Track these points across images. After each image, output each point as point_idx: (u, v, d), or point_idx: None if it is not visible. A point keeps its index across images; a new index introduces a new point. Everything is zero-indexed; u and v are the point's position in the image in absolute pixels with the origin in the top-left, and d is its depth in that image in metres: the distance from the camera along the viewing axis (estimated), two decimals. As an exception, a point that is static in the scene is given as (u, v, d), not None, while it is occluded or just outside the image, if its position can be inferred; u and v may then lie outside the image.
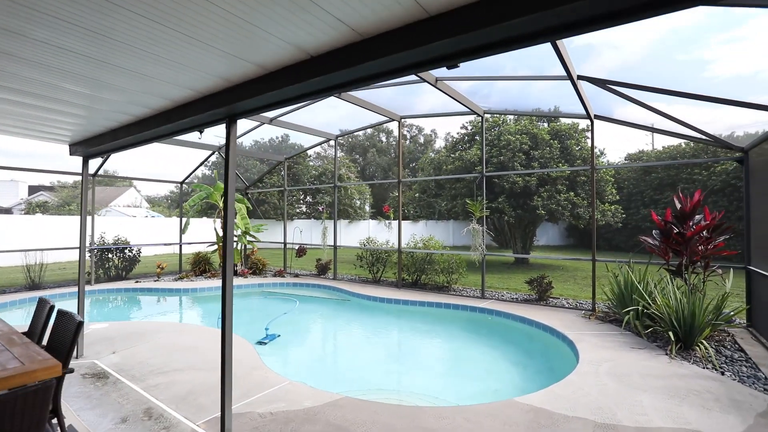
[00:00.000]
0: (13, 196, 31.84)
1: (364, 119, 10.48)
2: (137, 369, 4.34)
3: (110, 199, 38.14)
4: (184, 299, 9.29)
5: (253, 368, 4.37)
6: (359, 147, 52.84)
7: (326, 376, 4.89)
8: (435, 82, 6.78)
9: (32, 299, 8.49)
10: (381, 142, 54.21)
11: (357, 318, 8.03)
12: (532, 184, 12.47)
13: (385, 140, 54.46)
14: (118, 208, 32.15)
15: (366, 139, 53.57)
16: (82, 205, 4.71)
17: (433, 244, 10.02)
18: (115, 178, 11.30)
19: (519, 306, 7.64)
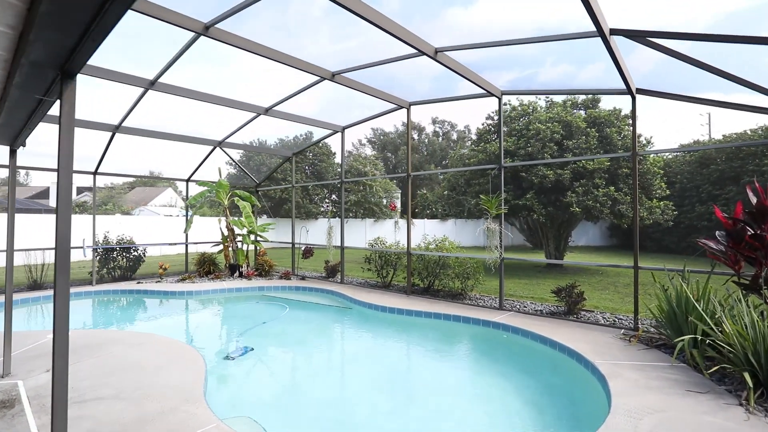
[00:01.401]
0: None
1: (373, 108, 9.53)
2: (49, 398, 3.62)
3: (149, 199, 39.63)
4: (176, 302, 8.75)
5: (186, 400, 3.53)
6: (390, 144, 52.00)
7: (290, 415, 3.97)
8: (435, 54, 5.69)
9: (34, 299, 8.27)
10: (413, 139, 53.06)
11: (353, 331, 7.10)
12: (565, 178, 10.97)
13: (417, 137, 53.28)
14: (152, 208, 33.20)
15: (398, 137, 52.66)
16: (9, 200, 4.08)
17: (446, 245, 8.89)
18: (120, 176, 11.16)
19: (543, 321, 6.40)
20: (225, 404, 3.89)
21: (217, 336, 6.58)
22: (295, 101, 8.91)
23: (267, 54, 6.00)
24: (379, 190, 27.34)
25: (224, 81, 8.16)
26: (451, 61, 5.98)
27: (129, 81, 6.75)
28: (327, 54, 6.83)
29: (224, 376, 4.69)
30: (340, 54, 6.89)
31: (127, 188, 38.20)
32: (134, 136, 9.28)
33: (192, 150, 11.17)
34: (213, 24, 5.25)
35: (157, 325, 7.24)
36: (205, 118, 9.69)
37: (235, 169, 29.54)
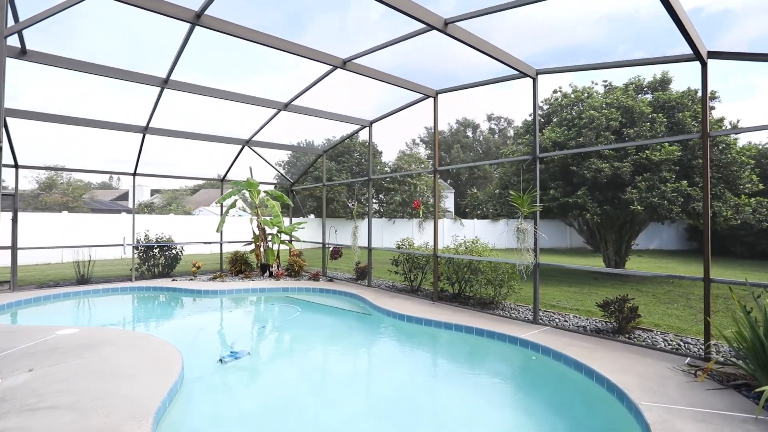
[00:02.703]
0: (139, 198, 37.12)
1: (400, 99, 8.89)
2: (16, 401, 3.46)
3: (212, 200, 42.31)
4: (197, 301, 8.76)
5: (133, 417, 3.16)
6: (444, 143, 50.75)
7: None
8: (444, 26, 4.91)
9: (81, 292, 8.74)
10: (467, 137, 51.31)
11: (365, 342, 6.49)
12: (625, 172, 9.42)
13: (471, 135, 51.45)
14: (212, 208, 35.28)
15: (451, 135, 51.25)
16: None
17: (478, 247, 7.96)
18: (157, 176, 11.69)
19: (584, 340, 5.32)
20: (183, 422, 3.50)
21: (218, 338, 6.33)
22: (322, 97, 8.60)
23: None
24: (425, 189, 26.47)
25: (284, 88, 8.35)
26: (471, 38, 5.15)
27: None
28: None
29: (203, 386, 4.33)
30: (399, 56, 6.94)
31: (191, 191, 41.07)
32: (169, 137, 9.51)
33: (225, 149, 11.32)
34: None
35: (164, 325, 7.22)
36: (236, 118, 9.70)
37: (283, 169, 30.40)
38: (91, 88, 8.57)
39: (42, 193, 28.29)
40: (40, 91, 9.30)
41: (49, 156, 26.81)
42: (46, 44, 5.90)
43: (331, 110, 9.33)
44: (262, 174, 12.84)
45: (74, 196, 27.35)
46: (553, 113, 11.64)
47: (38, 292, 8.36)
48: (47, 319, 7.28)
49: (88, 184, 44.85)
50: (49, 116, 7.87)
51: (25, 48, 5.59)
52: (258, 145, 10.88)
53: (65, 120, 8.04)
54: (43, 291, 8.52)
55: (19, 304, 7.68)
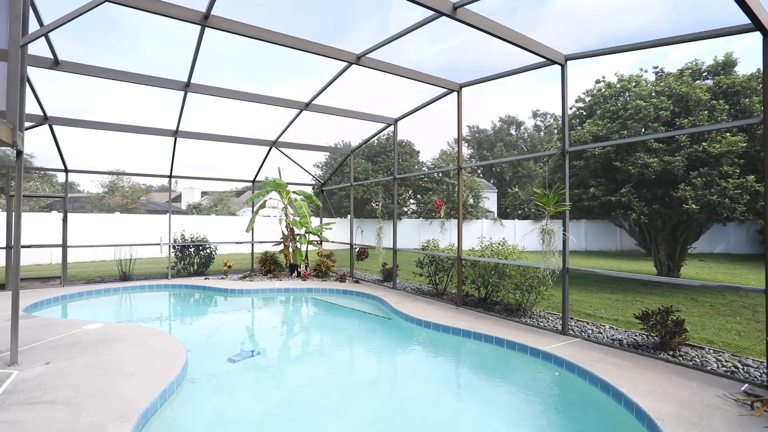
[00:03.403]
0: (190, 200, 39.52)
1: (423, 95, 8.59)
2: (23, 393, 3.59)
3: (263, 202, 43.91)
4: (222, 299, 8.96)
5: (119, 417, 3.14)
6: (486, 142, 49.34)
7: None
8: (453, 11, 4.54)
9: (121, 289, 9.29)
10: (510, 135, 49.50)
11: (381, 347, 6.25)
12: (677, 167, 8.40)
13: (514, 133, 49.58)
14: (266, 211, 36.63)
15: (494, 134, 49.72)
16: (17, 198, 4.28)
17: (505, 249, 7.45)
18: (191, 178, 12.22)
19: (618, 356, 4.72)
20: (177, 422, 3.45)
21: (233, 337, 6.35)
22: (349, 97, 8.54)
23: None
24: (464, 188, 25.74)
25: (353, 96, 8.58)
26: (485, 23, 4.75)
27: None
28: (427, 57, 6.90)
29: (207, 386, 4.29)
30: (441, 55, 6.91)
31: (236, 192, 42.96)
32: (203, 140, 9.85)
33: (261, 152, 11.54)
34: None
35: (184, 322, 7.42)
36: (270, 120, 9.86)
37: (320, 170, 30.86)
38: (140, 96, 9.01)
39: (106, 195, 30.83)
40: (104, 101, 9.93)
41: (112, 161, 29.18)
42: (112, 59, 6.53)
43: (359, 110, 9.21)
44: (298, 175, 13.07)
45: (132, 198, 29.50)
46: (595, 105, 10.71)
47: (84, 287, 8.97)
48: (88, 312, 7.75)
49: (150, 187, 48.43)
50: (107, 125, 8.43)
51: (57, 59, 5.94)
52: (285, 146, 10.99)
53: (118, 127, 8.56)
54: (88, 286, 9.12)
55: (65, 298, 8.25)
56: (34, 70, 6.52)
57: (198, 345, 6.00)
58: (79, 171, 9.74)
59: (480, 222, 25.68)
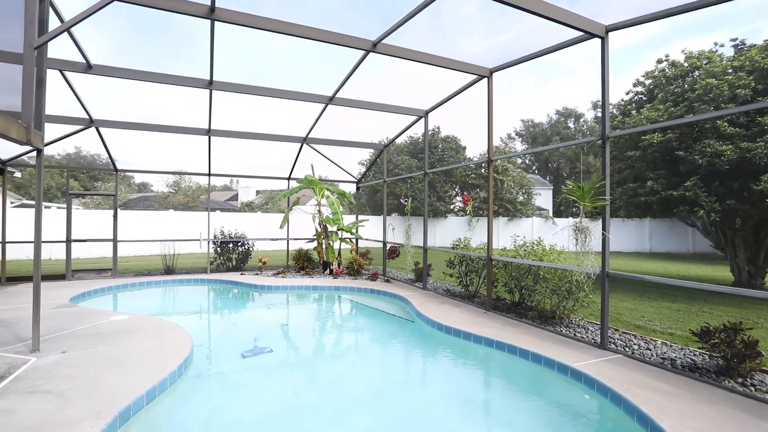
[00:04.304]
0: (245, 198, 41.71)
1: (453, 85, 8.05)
2: (28, 381, 3.72)
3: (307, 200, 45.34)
4: (251, 295, 9.07)
5: (97, 413, 3.10)
6: (542, 136, 46.70)
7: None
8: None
9: (162, 282, 9.82)
10: (568, 128, 46.37)
11: (398, 352, 5.90)
12: (759, 154, 7.04)
13: (572, 126, 46.36)
14: (304, 207, 37.69)
15: (550, 128, 46.94)
16: (38, 195, 4.50)
17: (540, 250, 6.72)
18: (229, 176, 12.60)
19: (667, 380, 3.95)
20: (163, 420, 3.36)
21: (250, 332, 6.30)
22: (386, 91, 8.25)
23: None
24: (512, 185, 24.38)
25: (385, 90, 8.56)
26: None
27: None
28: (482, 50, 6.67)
29: (212, 383, 4.22)
30: (498, 47, 6.64)
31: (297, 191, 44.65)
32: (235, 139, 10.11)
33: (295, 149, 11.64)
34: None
35: (206, 316, 7.57)
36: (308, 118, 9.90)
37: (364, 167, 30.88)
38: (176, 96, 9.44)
39: (171, 194, 33.39)
40: (144, 102, 10.60)
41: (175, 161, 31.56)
42: (174, 65, 6.96)
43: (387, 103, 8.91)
44: (338, 172, 13.21)
45: (193, 197, 31.63)
46: (656, 88, 9.41)
47: (131, 279, 9.57)
48: (127, 303, 8.22)
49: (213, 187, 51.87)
50: (144, 125, 8.95)
51: (90, 63, 6.27)
52: (317, 143, 10.95)
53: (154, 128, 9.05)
54: (135, 278, 9.72)
55: (110, 289, 8.84)
56: (77, 76, 6.99)
57: (213, 340, 6.05)
58: (126, 171, 10.41)
59: (530, 220, 24.19)
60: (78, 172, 35.40)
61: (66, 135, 8.49)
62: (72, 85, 7.15)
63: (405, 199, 9.82)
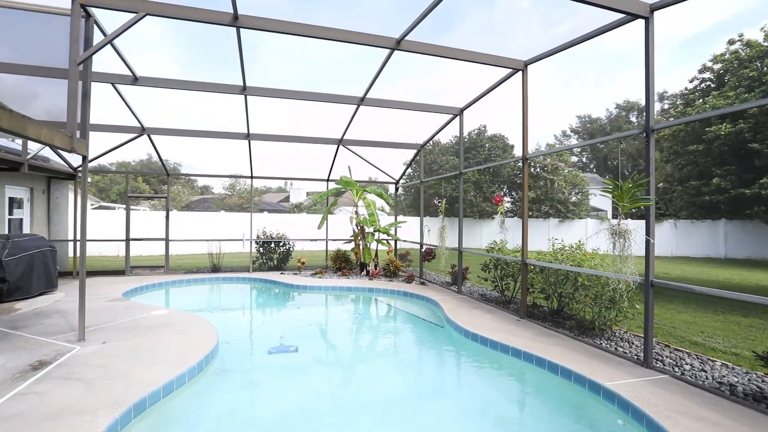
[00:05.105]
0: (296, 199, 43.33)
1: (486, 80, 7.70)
2: (66, 368, 4.06)
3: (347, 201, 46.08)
4: (288, 293, 9.30)
5: (114, 403, 3.28)
6: (600, 132, 43.68)
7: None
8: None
9: (207, 279, 10.43)
10: (630, 123, 42.87)
11: (423, 359, 5.73)
12: None
13: (635, 120, 42.80)
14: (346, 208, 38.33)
15: (609, 123, 43.80)
16: (83, 197, 4.92)
17: (580, 255, 6.19)
18: (271, 178, 13.03)
19: (720, 410, 3.42)
20: (175, 416, 3.49)
21: (279, 330, 6.42)
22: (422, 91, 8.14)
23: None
24: (563, 184, 22.96)
25: (425, 91, 8.67)
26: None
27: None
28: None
29: (235, 379, 4.34)
30: (531, 38, 6.55)
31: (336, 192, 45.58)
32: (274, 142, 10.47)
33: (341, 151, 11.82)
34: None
35: (240, 312, 7.87)
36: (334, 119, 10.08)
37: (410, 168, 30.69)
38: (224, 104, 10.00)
39: (227, 196, 35.53)
40: (194, 110, 11.37)
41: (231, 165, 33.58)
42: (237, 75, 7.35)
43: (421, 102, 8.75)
44: (378, 173, 13.26)
45: (247, 199, 33.38)
46: (727, 73, 8.32)
47: (180, 276, 10.24)
48: (173, 299, 8.79)
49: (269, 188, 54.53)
50: (188, 131, 9.59)
51: (135, 75, 6.77)
52: (352, 144, 11.01)
53: (198, 134, 9.63)
54: (184, 276, 10.39)
55: (160, 285, 9.51)
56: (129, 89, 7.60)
57: (242, 337, 6.25)
58: (178, 174, 11.18)
59: (583, 222, 22.61)
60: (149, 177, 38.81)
61: (120, 144, 9.30)
62: (124, 97, 7.78)
63: (439, 200, 9.55)
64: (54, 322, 5.81)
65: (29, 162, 8.07)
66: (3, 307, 6.65)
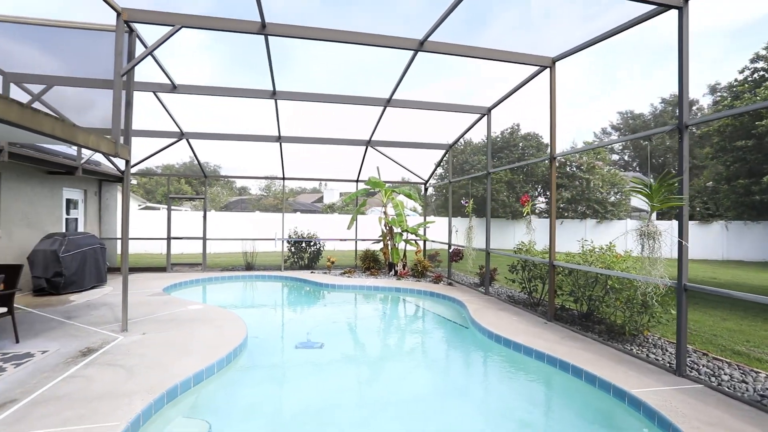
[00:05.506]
0: (329, 200, 44.18)
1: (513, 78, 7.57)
2: (111, 356, 4.42)
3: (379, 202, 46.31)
4: (317, 293, 9.53)
5: (150, 388, 3.55)
6: (643, 128, 41.37)
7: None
8: None
9: (241, 277, 10.90)
10: (676, 119, 40.28)
11: (441, 359, 5.74)
12: None
13: (683, 114, 40.12)
14: (377, 208, 38.57)
15: (653, 118, 41.41)
16: (125, 199, 5.32)
17: (610, 257, 5.96)
18: (302, 180, 13.37)
19: (761, 425, 3.22)
20: (203, 404, 3.73)
21: (306, 326, 6.62)
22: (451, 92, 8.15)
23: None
24: (602, 184, 21.97)
25: (452, 91, 8.79)
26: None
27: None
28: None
29: (258, 373, 4.56)
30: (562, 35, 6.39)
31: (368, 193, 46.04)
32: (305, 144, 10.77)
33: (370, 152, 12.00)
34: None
35: (269, 309, 8.15)
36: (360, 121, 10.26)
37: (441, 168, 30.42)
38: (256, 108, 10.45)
39: (263, 196, 36.77)
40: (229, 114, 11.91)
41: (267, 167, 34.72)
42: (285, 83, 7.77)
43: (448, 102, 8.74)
44: (408, 174, 13.28)
45: (281, 199, 34.43)
46: None
47: (216, 274, 10.76)
48: (208, 294, 9.26)
49: (303, 189, 55.92)
50: (222, 135, 10.07)
51: (174, 84, 7.22)
52: (380, 145, 11.12)
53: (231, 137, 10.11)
54: (219, 273, 10.91)
55: (198, 282, 10.04)
56: (169, 96, 8.10)
57: (270, 332, 6.51)
58: (215, 176, 11.74)
59: (623, 223, 21.52)
60: (191, 179, 40.86)
61: (161, 148, 9.91)
62: (164, 104, 8.30)
63: (466, 201, 9.47)
64: (102, 313, 6.31)
65: (83, 166, 8.79)
66: (59, 299, 7.30)
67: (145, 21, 5.14)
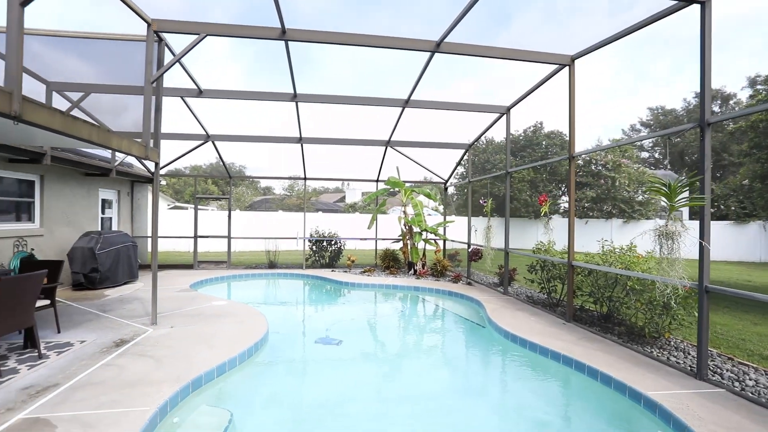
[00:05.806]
0: (351, 199, 44.62)
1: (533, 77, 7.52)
2: (141, 347, 4.70)
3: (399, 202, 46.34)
4: (337, 291, 9.71)
5: (177, 377, 3.78)
6: (674, 124, 39.74)
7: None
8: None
9: (263, 275, 11.24)
10: (712, 115, 38.42)
11: (456, 357, 5.80)
12: None
13: (718, 109, 38.36)
14: (398, 208, 38.63)
15: (686, 114, 39.72)
16: (155, 199, 5.63)
17: (630, 258, 5.85)
18: (322, 180, 13.61)
19: (768, 426, 3.14)
20: (228, 394, 3.94)
21: (325, 323, 6.79)
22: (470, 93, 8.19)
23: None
24: (626, 182, 21.28)
25: (474, 92, 8.92)
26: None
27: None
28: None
29: (277, 368, 4.76)
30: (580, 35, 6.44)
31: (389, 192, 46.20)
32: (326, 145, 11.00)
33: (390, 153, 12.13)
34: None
35: (290, 305, 8.36)
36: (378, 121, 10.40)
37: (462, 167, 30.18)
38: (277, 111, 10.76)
39: (286, 197, 37.49)
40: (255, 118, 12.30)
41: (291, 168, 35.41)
42: (303, 85, 8.00)
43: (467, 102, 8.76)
44: (428, 174, 13.39)
45: (304, 198, 35.04)
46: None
47: (240, 271, 11.13)
48: (233, 291, 9.60)
49: (326, 189, 56.66)
50: (246, 137, 10.42)
51: (200, 89, 7.54)
52: (400, 145, 11.21)
53: (255, 139, 10.44)
54: (243, 271, 11.28)
55: (222, 279, 10.42)
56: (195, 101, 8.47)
57: (290, 327, 6.73)
58: (240, 177, 12.13)
59: (651, 223, 20.77)
60: (217, 179, 42.10)
61: (188, 150, 10.34)
62: (191, 108, 8.67)
63: (485, 201, 9.43)
64: (133, 307, 6.68)
65: (117, 168, 9.29)
66: (95, 293, 7.76)
67: (173, 30, 5.42)
